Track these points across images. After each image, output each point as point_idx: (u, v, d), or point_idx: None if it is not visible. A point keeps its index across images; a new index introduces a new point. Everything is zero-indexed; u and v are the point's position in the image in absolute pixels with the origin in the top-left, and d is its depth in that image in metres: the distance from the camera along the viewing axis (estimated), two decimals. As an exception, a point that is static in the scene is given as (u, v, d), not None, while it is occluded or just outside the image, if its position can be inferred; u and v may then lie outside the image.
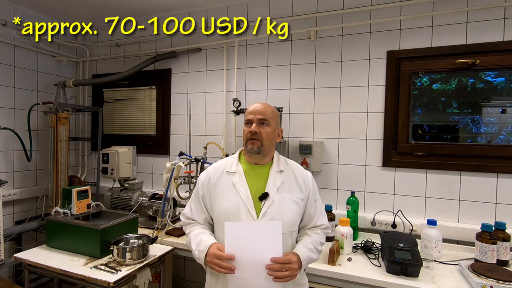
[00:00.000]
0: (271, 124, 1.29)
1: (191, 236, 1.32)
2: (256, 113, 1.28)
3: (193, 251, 1.28)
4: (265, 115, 1.28)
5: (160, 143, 2.86)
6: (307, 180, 1.34)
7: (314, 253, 1.27)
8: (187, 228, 1.38)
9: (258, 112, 1.28)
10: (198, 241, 1.26)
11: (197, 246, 1.25)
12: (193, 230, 1.34)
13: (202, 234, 1.29)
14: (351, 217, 1.97)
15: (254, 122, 1.28)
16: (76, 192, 1.93)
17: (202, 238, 1.27)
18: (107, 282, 1.46)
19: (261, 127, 1.27)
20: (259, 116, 1.27)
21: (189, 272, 2.73)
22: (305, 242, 1.27)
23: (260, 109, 1.29)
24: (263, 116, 1.27)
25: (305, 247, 1.25)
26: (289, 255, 1.18)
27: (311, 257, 1.25)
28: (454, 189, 1.96)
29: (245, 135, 1.29)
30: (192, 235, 1.32)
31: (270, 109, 1.31)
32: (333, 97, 2.24)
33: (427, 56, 2.02)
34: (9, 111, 2.65)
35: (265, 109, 1.29)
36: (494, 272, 1.44)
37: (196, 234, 1.30)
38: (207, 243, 1.23)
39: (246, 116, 1.31)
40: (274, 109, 1.34)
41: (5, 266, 2.06)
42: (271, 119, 1.30)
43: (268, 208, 1.23)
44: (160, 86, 2.87)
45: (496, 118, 1.95)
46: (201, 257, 1.22)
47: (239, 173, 1.29)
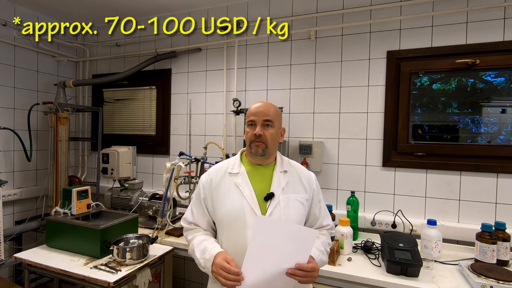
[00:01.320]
0: (275, 124, 1.26)
1: (194, 243, 1.27)
2: (260, 115, 1.23)
3: (197, 259, 1.23)
4: (269, 116, 1.23)
5: (160, 143, 2.86)
6: (311, 180, 1.33)
7: (324, 255, 1.27)
8: (189, 234, 1.33)
9: (262, 114, 1.23)
10: (202, 249, 1.21)
11: (202, 254, 1.20)
12: (195, 236, 1.29)
13: (205, 241, 1.24)
14: (351, 217, 1.97)
15: (258, 124, 1.23)
16: (76, 192, 1.93)
17: (206, 245, 1.22)
18: (107, 282, 1.46)
19: (265, 129, 1.23)
20: (263, 118, 1.23)
21: (189, 272, 2.73)
22: (316, 244, 1.25)
23: (264, 110, 1.24)
24: (267, 117, 1.23)
25: (317, 249, 1.23)
26: (313, 263, 1.13)
27: (323, 260, 1.25)
28: (454, 189, 1.96)
29: (249, 137, 1.25)
30: (195, 242, 1.27)
31: (273, 108, 1.27)
32: (333, 97, 2.24)
33: (427, 56, 2.02)
34: (9, 111, 2.65)
35: (268, 108, 1.25)
36: (494, 272, 1.44)
37: (200, 241, 1.25)
38: (212, 252, 1.17)
39: (249, 117, 1.26)
40: (276, 108, 1.30)
41: (5, 266, 2.06)
42: (275, 119, 1.25)
43: (274, 208, 1.20)
44: (160, 86, 2.87)
45: (496, 118, 1.95)
46: (208, 266, 1.17)
47: (242, 174, 1.26)
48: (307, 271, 1.09)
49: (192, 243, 1.29)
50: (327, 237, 1.33)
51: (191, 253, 1.29)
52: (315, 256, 1.18)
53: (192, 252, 1.28)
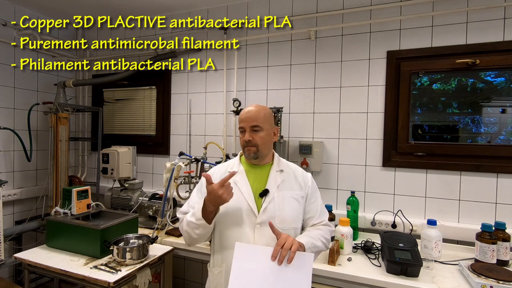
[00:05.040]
0: (264, 127, 1.30)
1: (186, 216, 1.29)
2: (248, 120, 1.28)
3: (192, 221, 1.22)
4: (257, 121, 1.28)
5: (160, 143, 2.86)
6: (307, 178, 1.38)
7: (318, 241, 1.26)
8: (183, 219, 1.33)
9: (250, 119, 1.28)
10: (192, 212, 1.25)
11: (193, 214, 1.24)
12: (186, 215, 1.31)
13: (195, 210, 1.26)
14: (351, 217, 1.97)
15: (247, 130, 1.29)
16: (76, 192, 1.93)
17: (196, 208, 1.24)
18: (107, 282, 1.46)
19: (254, 133, 1.28)
20: (250, 124, 1.28)
21: (189, 272, 2.73)
22: (308, 233, 1.28)
23: (252, 116, 1.29)
24: (254, 123, 1.28)
25: (307, 236, 1.25)
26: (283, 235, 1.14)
27: (315, 245, 1.24)
28: (454, 189, 1.96)
29: (241, 142, 1.32)
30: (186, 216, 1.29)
31: (262, 112, 1.30)
32: (333, 97, 2.24)
33: (427, 56, 2.02)
34: (9, 111, 2.65)
35: (257, 114, 1.29)
36: (494, 272, 1.44)
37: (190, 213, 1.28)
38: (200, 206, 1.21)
39: (239, 123, 1.32)
40: (266, 111, 1.33)
41: (5, 266, 2.06)
42: (264, 123, 1.29)
43: (268, 204, 1.26)
44: (160, 86, 2.87)
45: (496, 118, 1.95)
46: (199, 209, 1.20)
47: (240, 172, 1.33)
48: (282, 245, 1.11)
49: (185, 218, 1.29)
50: (323, 232, 1.32)
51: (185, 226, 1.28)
52: (304, 242, 1.20)
53: (186, 221, 1.27)
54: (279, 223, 1.24)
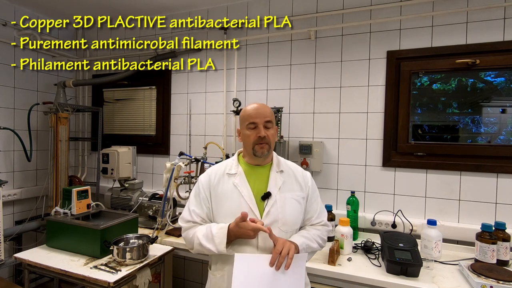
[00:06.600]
0: (274, 124, 1.30)
1: (198, 235, 1.23)
2: (261, 116, 1.25)
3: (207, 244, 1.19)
4: (269, 116, 1.26)
5: (160, 143, 2.86)
6: (306, 178, 1.36)
7: (312, 242, 1.26)
8: (190, 232, 1.29)
9: (262, 115, 1.25)
10: (208, 232, 1.21)
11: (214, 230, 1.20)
12: (197, 230, 1.26)
13: (210, 227, 1.23)
14: (351, 217, 1.97)
15: (260, 126, 1.25)
16: (76, 192, 1.93)
17: (211, 227, 1.21)
18: (107, 282, 1.46)
19: (267, 130, 1.26)
20: (264, 119, 1.25)
21: (189, 272, 2.73)
22: (302, 233, 1.28)
23: (262, 111, 1.26)
24: (268, 118, 1.26)
25: (302, 236, 1.25)
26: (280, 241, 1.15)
27: (309, 245, 1.25)
28: (454, 189, 1.96)
29: (252, 139, 1.25)
30: (198, 233, 1.24)
31: (269, 109, 1.30)
32: (333, 97, 2.24)
33: (427, 56, 2.02)
34: (9, 111, 2.65)
35: (267, 109, 1.28)
36: (494, 272, 1.44)
37: (204, 228, 1.24)
38: (220, 225, 1.20)
39: (248, 120, 1.27)
40: (270, 108, 1.34)
41: (5, 266, 2.06)
42: (273, 119, 1.30)
43: (271, 207, 1.23)
44: (160, 86, 2.87)
45: (496, 118, 1.95)
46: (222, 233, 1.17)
47: (239, 174, 1.29)
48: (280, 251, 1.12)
49: (196, 235, 1.25)
50: (320, 232, 1.32)
51: (195, 244, 1.25)
52: (299, 243, 1.20)
53: (197, 245, 1.24)
54: (282, 226, 1.23)
